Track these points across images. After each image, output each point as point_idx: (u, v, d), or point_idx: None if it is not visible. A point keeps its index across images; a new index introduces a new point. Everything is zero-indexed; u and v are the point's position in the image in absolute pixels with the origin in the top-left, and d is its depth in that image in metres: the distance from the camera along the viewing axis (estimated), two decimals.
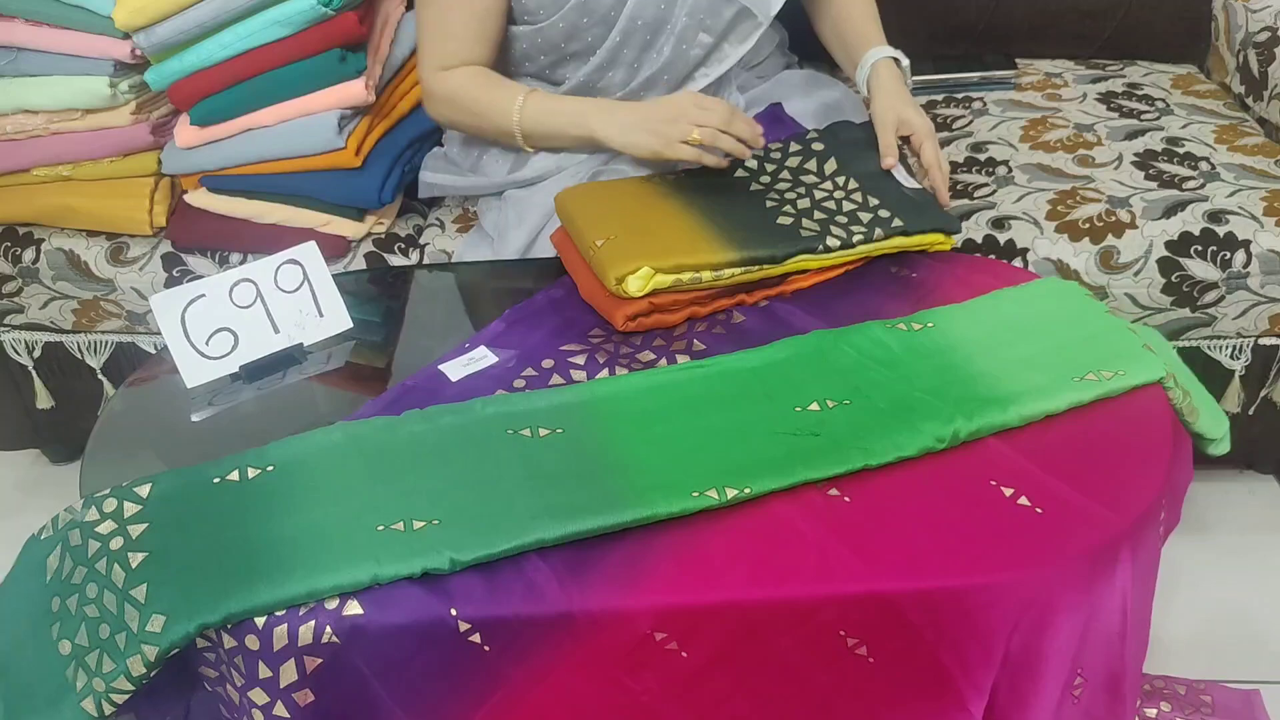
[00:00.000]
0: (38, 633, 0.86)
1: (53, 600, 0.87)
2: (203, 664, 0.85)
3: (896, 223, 1.17)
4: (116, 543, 0.86)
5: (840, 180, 1.23)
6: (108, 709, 0.82)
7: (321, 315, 1.14)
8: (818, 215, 1.18)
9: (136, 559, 0.85)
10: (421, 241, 1.51)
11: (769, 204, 1.21)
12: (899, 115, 1.27)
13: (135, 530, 0.87)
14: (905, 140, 1.28)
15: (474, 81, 1.33)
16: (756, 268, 1.12)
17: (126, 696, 0.82)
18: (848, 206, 1.20)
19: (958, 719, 0.84)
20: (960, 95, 1.69)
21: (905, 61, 1.35)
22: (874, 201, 1.20)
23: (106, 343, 1.62)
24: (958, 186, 1.48)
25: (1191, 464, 0.98)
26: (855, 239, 1.15)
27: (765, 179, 1.25)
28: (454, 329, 1.16)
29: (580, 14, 1.30)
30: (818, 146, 1.28)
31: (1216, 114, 1.58)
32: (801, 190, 1.22)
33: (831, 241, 1.14)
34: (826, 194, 1.21)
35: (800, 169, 1.26)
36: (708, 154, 1.21)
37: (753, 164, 1.27)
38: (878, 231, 1.16)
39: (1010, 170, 1.49)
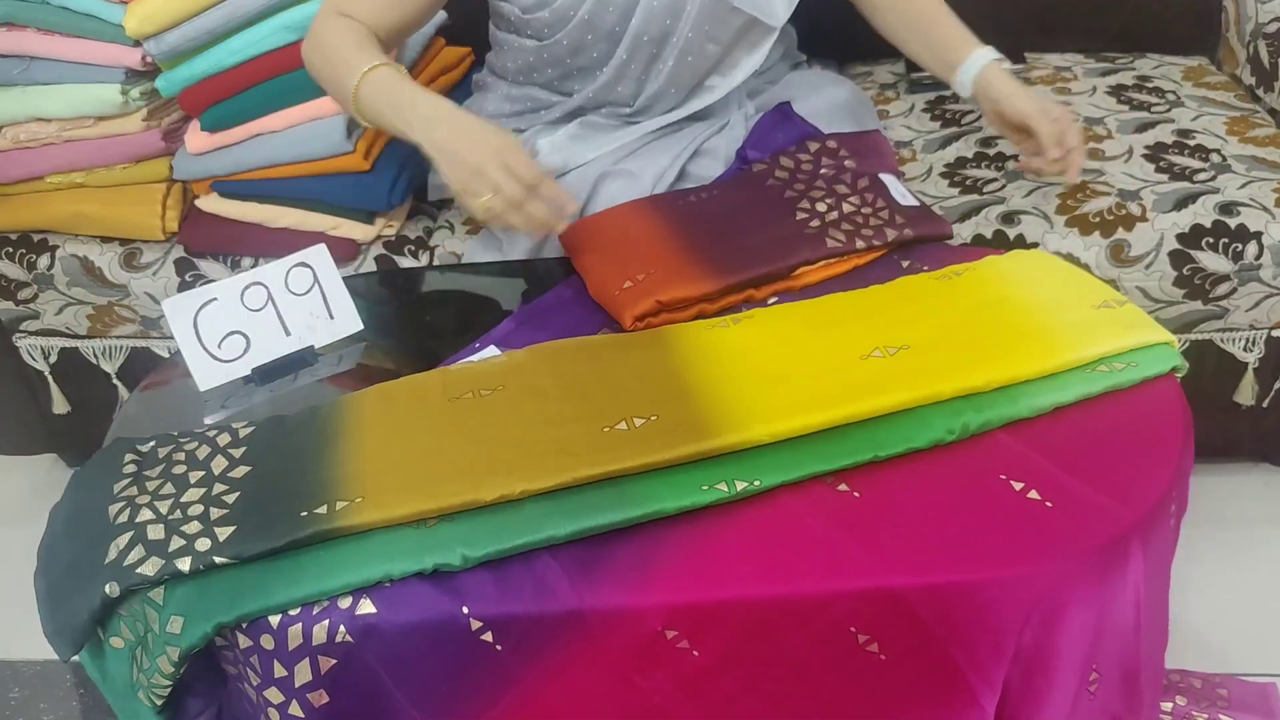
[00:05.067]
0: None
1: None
2: (224, 661, 0.86)
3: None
4: None
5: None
6: (157, 701, 0.85)
7: (332, 317, 1.15)
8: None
9: None
10: (431, 243, 1.51)
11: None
12: (1041, 107, 1.28)
13: None
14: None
15: (347, 34, 1.24)
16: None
17: (167, 691, 0.84)
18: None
19: (970, 715, 0.84)
20: None
21: (1006, 62, 1.34)
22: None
23: (121, 347, 1.63)
24: (967, 181, 1.48)
25: (1193, 450, 0.98)
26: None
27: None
28: (464, 329, 1.16)
29: (585, 31, 1.30)
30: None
31: (1227, 106, 1.58)
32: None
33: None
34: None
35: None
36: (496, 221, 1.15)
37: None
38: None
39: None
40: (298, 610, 0.81)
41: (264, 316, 1.12)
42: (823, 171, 1.26)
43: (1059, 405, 0.94)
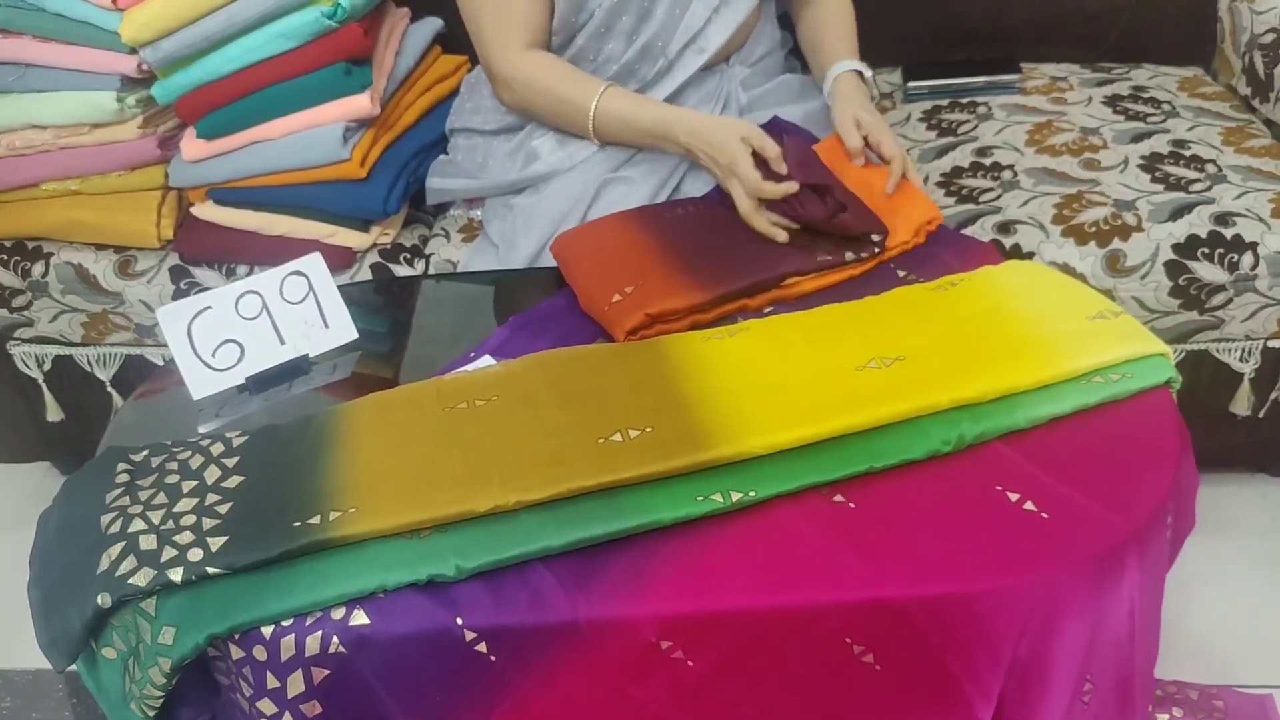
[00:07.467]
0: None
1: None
2: (216, 672, 0.86)
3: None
4: None
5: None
6: (149, 712, 0.84)
7: (327, 326, 1.15)
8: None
9: None
10: (427, 251, 1.51)
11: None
12: (855, 116, 1.31)
13: None
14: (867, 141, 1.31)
15: (554, 68, 1.36)
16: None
17: (159, 701, 0.84)
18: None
19: None
20: (965, 100, 1.69)
21: (869, 73, 1.40)
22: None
23: (115, 355, 1.62)
24: (963, 191, 1.48)
25: (1195, 466, 0.98)
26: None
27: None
28: (458, 338, 1.16)
29: None
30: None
31: (1223, 116, 1.58)
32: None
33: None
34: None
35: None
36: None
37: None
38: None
39: (1016, 174, 1.49)
40: (291, 621, 0.81)
41: (259, 325, 1.12)
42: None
43: (1055, 416, 0.94)
